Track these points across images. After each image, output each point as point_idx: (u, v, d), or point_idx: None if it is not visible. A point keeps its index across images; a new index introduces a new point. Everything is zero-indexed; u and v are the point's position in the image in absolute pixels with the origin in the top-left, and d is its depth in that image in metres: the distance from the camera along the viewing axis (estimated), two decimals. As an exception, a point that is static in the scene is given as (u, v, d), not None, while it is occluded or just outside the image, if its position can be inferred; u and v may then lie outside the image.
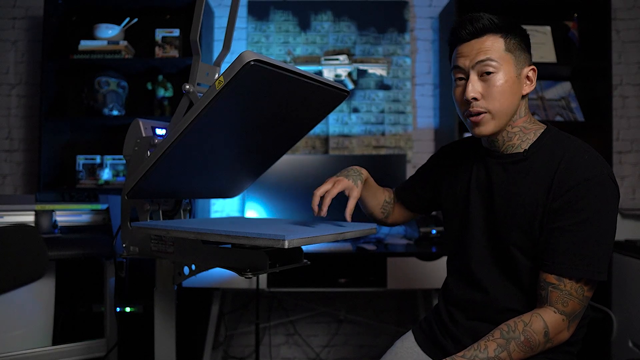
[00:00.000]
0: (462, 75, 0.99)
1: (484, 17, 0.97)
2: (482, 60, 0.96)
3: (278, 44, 2.55)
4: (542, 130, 1.01)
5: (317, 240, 0.88)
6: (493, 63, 0.95)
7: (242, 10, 2.54)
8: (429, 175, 1.23)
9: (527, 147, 1.00)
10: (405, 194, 1.28)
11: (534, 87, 1.00)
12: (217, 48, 2.56)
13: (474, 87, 0.96)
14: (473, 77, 0.97)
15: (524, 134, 1.01)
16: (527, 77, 1.00)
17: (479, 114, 0.97)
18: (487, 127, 0.98)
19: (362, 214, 1.26)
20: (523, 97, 1.00)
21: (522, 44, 0.99)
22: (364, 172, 1.15)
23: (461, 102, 1.00)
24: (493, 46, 0.96)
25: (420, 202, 1.26)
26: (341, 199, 1.05)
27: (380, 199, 1.25)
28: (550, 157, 0.96)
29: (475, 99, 0.97)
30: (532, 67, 1.00)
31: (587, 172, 0.91)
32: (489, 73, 0.96)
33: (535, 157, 0.98)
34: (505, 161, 1.02)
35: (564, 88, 2.46)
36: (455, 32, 1.00)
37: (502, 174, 1.02)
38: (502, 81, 0.95)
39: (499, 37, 0.96)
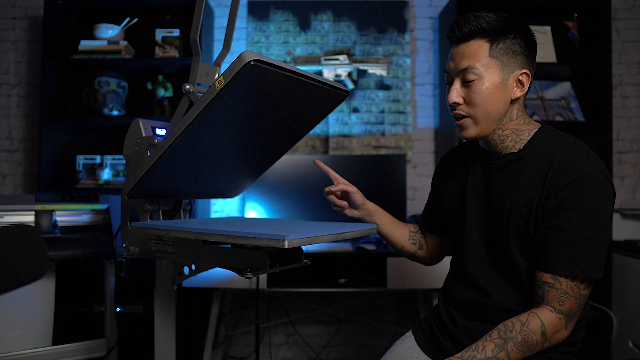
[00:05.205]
0: (449, 79, 1.01)
1: (471, 20, 0.95)
2: (464, 69, 0.96)
3: (278, 44, 2.55)
4: (536, 129, 1.01)
5: (317, 240, 0.88)
6: (475, 71, 0.95)
7: (242, 10, 2.54)
8: (433, 188, 1.24)
9: (521, 147, 1.00)
10: (425, 217, 1.27)
11: (525, 90, 0.98)
12: (217, 48, 2.56)
13: (456, 92, 0.98)
14: (456, 82, 0.98)
15: (517, 135, 1.00)
16: (519, 80, 0.97)
17: (461, 117, 0.99)
18: (470, 131, 0.99)
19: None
20: (514, 100, 0.98)
21: (514, 48, 0.96)
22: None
23: (449, 105, 1.01)
24: (477, 53, 0.95)
25: (435, 220, 1.24)
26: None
27: (404, 230, 1.25)
28: (544, 156, 0.96)
29: (457, 104, 0.98)
30: (525, 70, 0.97)
31: (580, 169, 0.90)
32: (471, 80, 0.96)
33: (529, 157, 0.98)
34: (501, 162, 1.02)
35: (564, 88, 2.46)
36: (447, 34, 1.00)
37: (497, 174, 1.02)
38: (484, 88, 0.95)
39: (485, 41, 0.95)
